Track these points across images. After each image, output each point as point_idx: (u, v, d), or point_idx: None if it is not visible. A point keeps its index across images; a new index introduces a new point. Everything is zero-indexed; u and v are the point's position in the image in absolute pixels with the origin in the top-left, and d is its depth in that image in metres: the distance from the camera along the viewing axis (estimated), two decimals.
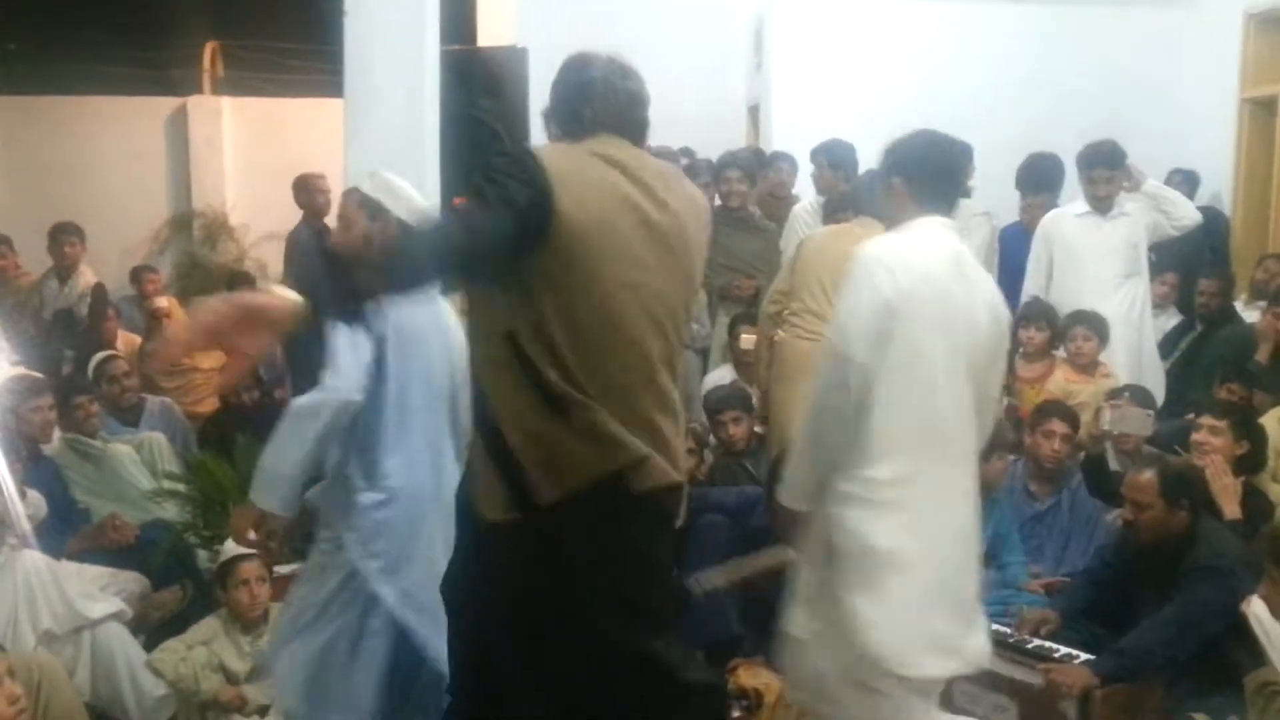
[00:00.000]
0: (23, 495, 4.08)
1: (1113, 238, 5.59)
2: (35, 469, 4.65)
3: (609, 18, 8.16)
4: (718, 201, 6.24)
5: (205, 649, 3.80)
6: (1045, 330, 5.44)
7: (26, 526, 3.98)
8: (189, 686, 3.77)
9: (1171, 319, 6.18)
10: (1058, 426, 4.65)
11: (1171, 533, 3.79)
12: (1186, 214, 5.66)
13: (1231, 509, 4.10)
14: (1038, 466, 4.72)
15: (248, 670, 3.81)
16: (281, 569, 4.06)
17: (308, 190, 7.30)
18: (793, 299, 4.98)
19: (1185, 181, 6.67)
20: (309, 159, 7.55)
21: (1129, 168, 5.56)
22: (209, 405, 6.20)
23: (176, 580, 4.39)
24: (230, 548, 4.01)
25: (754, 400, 5.18)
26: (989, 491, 4.55)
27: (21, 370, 5.09)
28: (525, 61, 6.07)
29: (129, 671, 3.85)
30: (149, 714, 3.85)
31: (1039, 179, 6.13)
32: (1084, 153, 5.62)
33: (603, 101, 2.54)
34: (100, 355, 5.91)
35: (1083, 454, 4.88)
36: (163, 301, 7.14)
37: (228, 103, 9.57)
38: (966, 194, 5.41)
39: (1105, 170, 5.52)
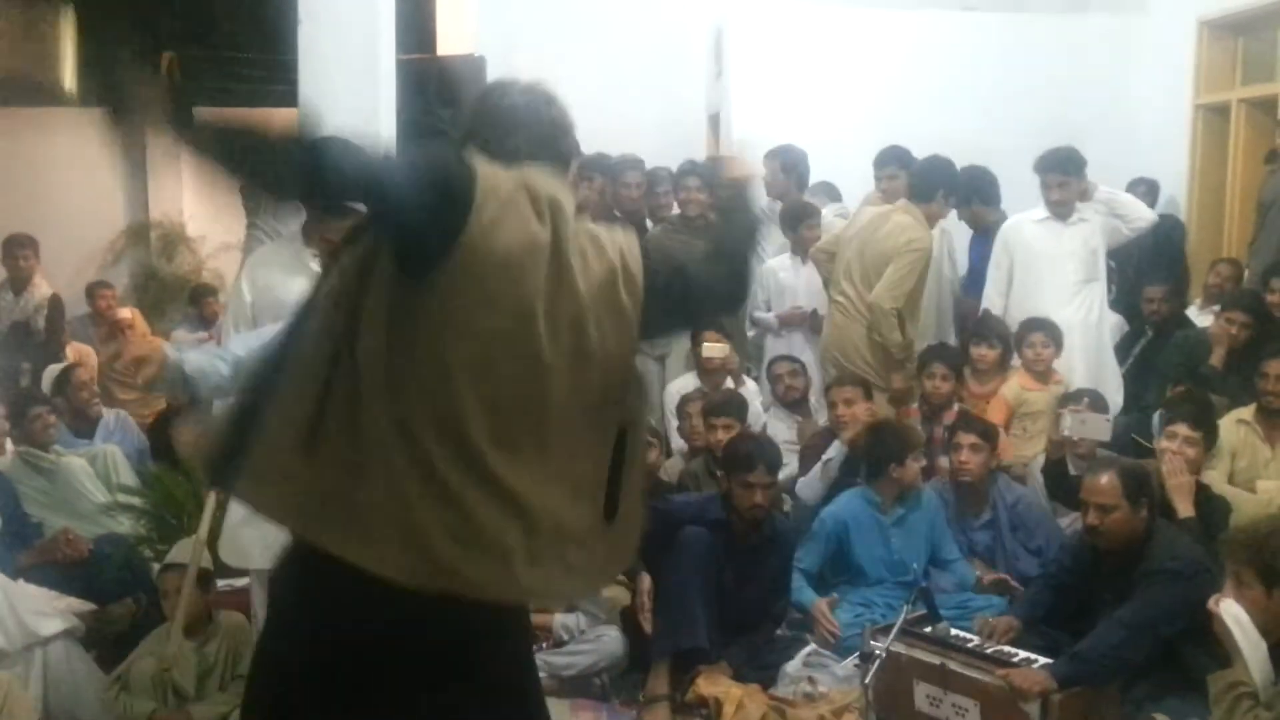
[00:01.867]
0: None
1: (1072, 243, 5.62)
2: None
3: (568, 27, 8.17)
4: (676, 210, 6.27)
5: (153, 660, 3.74)
6: (997, 348, 5.46)
7: None
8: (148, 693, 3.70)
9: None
10: (964, 439, 4.66)
11: (1132, 535, 3.82)
12: (1141, 215, 5.77)
13: (1185, 507, 4.12)
14: (956, 482, 4.73)
15: (195, 681, 3.70)
16: (235, 582, 4.03)
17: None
18: (834, 278, 5.61)
19: (1148, 191, 6.74)
20: None
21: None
22: None
23: (129, 594, 4.34)
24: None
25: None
26: (907, 492, 4.59)
27: None
28: (483, 70, 6.08)
29: (81, 688, 3.79)
30: None
31: (972, 190, 6.10)
32: (1041, 158, 5.66)
33: (528, 131, 2.20)
34: (60, 365, 5.91)
35: (1042, 458, 4.90)
36: (125, 312, 7.14)
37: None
38: None
39: (1059, 175, 5.56)
